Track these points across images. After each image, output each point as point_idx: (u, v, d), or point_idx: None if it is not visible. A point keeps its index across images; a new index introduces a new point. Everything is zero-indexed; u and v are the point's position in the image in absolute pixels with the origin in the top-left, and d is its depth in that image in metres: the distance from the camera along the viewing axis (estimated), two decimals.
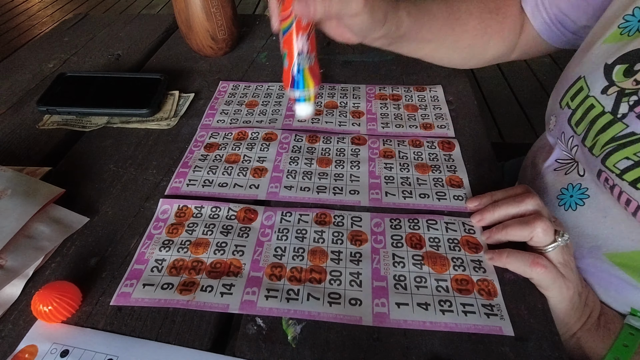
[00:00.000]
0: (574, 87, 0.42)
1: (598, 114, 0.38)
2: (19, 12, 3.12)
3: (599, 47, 0.41)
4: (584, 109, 0.40)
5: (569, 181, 0.44)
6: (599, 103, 0.39)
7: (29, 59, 0.73)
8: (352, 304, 0.35)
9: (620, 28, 0.39)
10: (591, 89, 0.40)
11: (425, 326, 0.34)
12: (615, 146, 0.36)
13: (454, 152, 0.50)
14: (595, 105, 0.39)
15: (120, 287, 0.37)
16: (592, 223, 0.42)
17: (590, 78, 0.40)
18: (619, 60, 0.38)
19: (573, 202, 0.43)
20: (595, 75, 0.39)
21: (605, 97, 0.38)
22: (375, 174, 0.48)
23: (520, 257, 0.37)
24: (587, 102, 0.40)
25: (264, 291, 0.36)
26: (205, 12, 0.63)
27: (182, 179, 0.48)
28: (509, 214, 0.39)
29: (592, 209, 0.42)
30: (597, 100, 0.39)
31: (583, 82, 0.41)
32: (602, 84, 0.38)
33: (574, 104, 0.41)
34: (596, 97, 0.39)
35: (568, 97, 0.43)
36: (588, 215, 0.42)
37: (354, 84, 0.63)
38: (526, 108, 1.87)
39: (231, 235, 0.41)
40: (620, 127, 0.36)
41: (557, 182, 0.46)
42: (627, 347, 0.39)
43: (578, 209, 0.43)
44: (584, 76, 0.41)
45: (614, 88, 0.37)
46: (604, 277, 0.42)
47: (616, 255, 0.40)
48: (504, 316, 0.34)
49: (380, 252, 0.39)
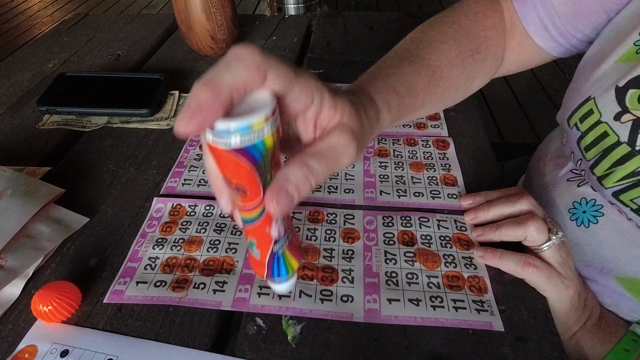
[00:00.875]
0: (583, 108, 0.38)
1: (613, 144, 0.35)
2: (19, 12, 3.12)
3: (610, 65, 0.36)
4: (596, 134, 0.36)
5: (582, 195, 0.41)
6: (613, 132, 0.35)
7: (29, 59, 0.73)
8: (344, 301, 0.36)
9: (636, 46, 0.35)
10: (603, 113, 0.36)
11: (416, 322, 0.34)
12: (635, 182, 0.33)
13: (449, 151, 0.51)
14: (609, 134, 0.35)
15: (114, 285, 0.37)
16: (605, 243, 0.40)
17: (600, 101, 0.36)
18: (632, 84, 0.34)
19: (586, 219, 0.41)
20: (606, 99, 0.35)
21: (620, 124, 0.34)
22: (370, 173, 0.48)
23: (513, 258, 0.37)
24: (599, 129, 0.36)
25: (257, 288, 0.37)
26: (205, 12, 0.63)
27: (178, 178, 0.48)
28: (503, 213, 0.39)
29: (606, 230, 0.39)
30: (610, 127, 0.35)
31: (593, 104, 0.37)
32: (615, 110, 0.35)
33: (584, 127, 0.38)
34: (609, 124, 0.35)
35: (576, 117, 0.39)
36: (601, 235, 0.40)
37: (350, 84, 0.63)
38: (526, 108, 1.86)
39: (224, 233, 0.41)
40: (639, 161, 0.33)
41: (568, 193, 0.43)
42: (628, 351, 0.38)
43: (591, 226, 0.40)
44: (594, 97, 0.37)
45: (629, 116, 0.34)
46: (614, 298, 0.41)
47: (629, 281, 0.39)
48: (494, 312, 0.35)
49: (373, 249, 0.40)
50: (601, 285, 0.42)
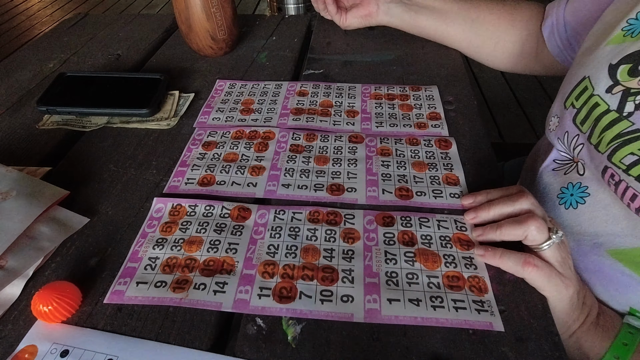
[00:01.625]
0: (579, 87, 0.43)
1: (603, 112, 0.39)
2: (18, 12, 3.12)
3: (602, 49, 0.41)
4: (589, 107, 0.41)
5: (568, 180, 0.45)
6: (603, 101, 0.39)
7: (29, 59, 0.73)
8: (344, 301, 0.36)
9: (623, 30, 0.40)
10: (595, 88, 0.40)
11: (416, 322, 0.34)
12: (621, 142, 0.37)
13: (451, 150, 0.51)
14: (599, 104, 0.39)
15: (114, 285, 0.37)
16: (593, 221, 0.42)
17: (594, 78, 0.41)
18: (623, 60, 0.39)
19: (574, 201, 0.44)
20: (600, 75, 0.40)
21: (610, 95, 0.39)
22: (373, 172, 0.48)
23: (513, 257, 0.37)
24: (591, 101, 0.40)
25: (257, 290, 0.37)
26: (205, 12, 0.63)
27: (181, 177, 0.48)
28: (503, 213, 0.39)
29: (594, 207, 0.42)
30: (601, 98, 0.39)
31: (587, 82, 0.41)
32: (607, 83, 0.39)
33: (579, 103, 0.42)
34: (600, 95, 0.40)
35: (573, 97, 0.43)
36: (589, 214, 0.42)
37: (350, 83, 0.63)
38: (526, 108, 1.87)
39: (224, 233, 0.41)
40: (626, 124, 0.37)
41: (556, 182, 0.47)
42: (627, 345, 0.39)
43: (579, 207, 0.43)
44: (589, 76, 0.41)
45: (619, 87, 0.38)
46: (606, 273, 0.42)
47: (619, 252, 0.41)
48: (494, 312, 0.35)
49: (373, 250, 0.40)
50: (593, 261, 0.43)
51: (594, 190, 0.42)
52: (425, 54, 0.70)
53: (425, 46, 0.72)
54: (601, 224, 0.41)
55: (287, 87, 0.63)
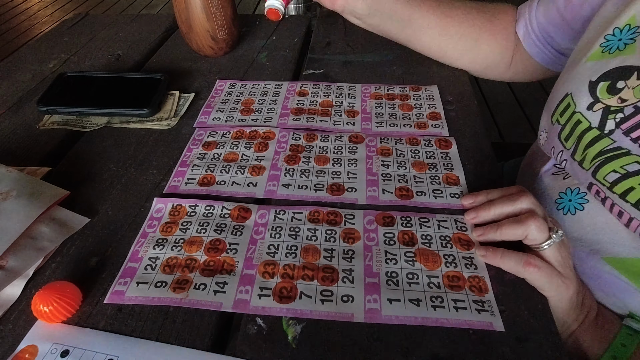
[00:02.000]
0: (562, 104, 0.43)
1: (585, 129, 0.40)
2: (18, 12, 3.12)
3: (582, 65, 0.42)
4: (572, 124, 0.41)
5: (567, 185, 0.45)
6: (585, 119, 0.40)
7: (29, 59, 0.73)
8: (344, 301, 0.36)
9: (601, 47, 0.41)
10: (577, 105, 0.41)
11: (416, 322, 0.34)
12: (604, 159, 0.38)
13: (451, 150, 0.51)
14: (582, 121, 0.40)
15: (114, 285, 0.37)
16: (591, 228, 0.42)
17: (576, 95, 0.41)
18: (602, 78, 0.39)
19: (572, 207, 0.44)
20: (581, 92, 0.41)
21: (592, 113, 0.39)
22: (373, 171, 0.48)
23: (514, 257, 0.37)
24: (574, 118, 0.41)
25: (257, 290, 0.37)
26: (206, 12, 0.63)
27: (181, 177, 0.48)
28: (503, 212, 0.39)
29: (592, 214, 0.42)
30: (583, 116, 0.40)
31: (570, 99, 0.42)
32: (588, 100, 0.40)
33: (563, 120, 0.43)
34: (582, 113, 0.40)
35: (557, 113, 0.44)
36: (587, 220, 0.42)
37: (350, 83, 0.63)
38: (526, 108, 1.87)
39: (224, 233, 0.41)
40: (607, 142, 0.38)
41: (555, 186, 0.46)
42: (625, 347, 0.39)
43: (577, 213, 0.43)
44: (571, 93, 0.42)
45: (599, 104, 0.39)
46: (604, 279, 0.42)
47: (615, 260, 0.41)
48: (494, 312, 0.35)
49: (373, 250, 0.40)
50: (591, 267, 0.43)
51: (593, 198, 0.42)
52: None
53: None
54: (599, 231, 0.41)
55: (288, 87, 0.63)
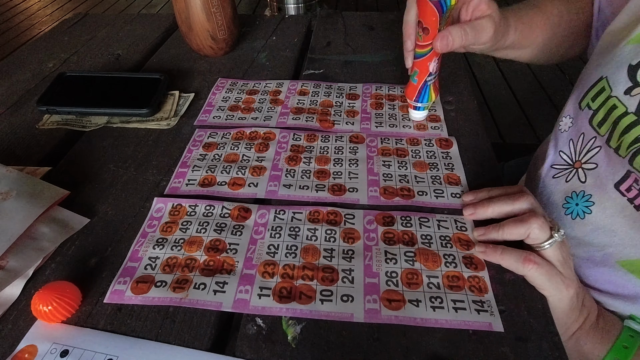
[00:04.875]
0: (595, 88, 0.41)
1: (621, 114, 0.38)
2: (18, 12, 3.12)
3: (622, 48, 0.40)
4: (607, 109, 0.39)
5: (572, 189, 0.44)
6: (621, 103, 0.38)
7: (29, 59, 0.73)
8: (344, 301, 0.36)
9: None
10: (613, 89, 0.39)
11: (416, 322, 0.34)
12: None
13: (452, 150, 0.51)
14: (617, 106, 0.38)
15: (114, 285, 0.37)
16: (602, 231, 0.41)
17: (612, 79, 0.39)
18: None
19: (580, 211, 0.43)
20: (619, 76, 0.39)
21: (629, 97, 0.37)
22: (374, 171, 0.48)
23: (514, 255, 0.37)
24: (609, 103, 0.39)
25: (257, 289, 0.37)
26: (206, 12, 0.63)
27: (182, 179, 0.48)
28: (502, 211, 0.39)
29: (600, 216, 0.41)
30: (619, 100, 0.38)
31: (605, 83, 0.40)
32: (626, 85, 0.38)
33: (595, 105, 0.41)
34: (619, 97, 0.38)
35: (589, 98, 0.42)
36: (597, 223, 0.41)
37: (351, 83, 0.63)
38: (526, 108, 1.86)
39: (224, 233, 0.41)
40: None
41: (560, 190, 0.46)
42: (627, 348, 0.39)
43: (586, 217, 0.42)
44: (606, 77, 0.40)
45: (639, 89, 0.37)
46: (617, 284, 0.42)
47: (629, 263, 0.40)
48: (494, 312, 0.35)
49: (373, 249, 0.40)
50: (603, 272, 0.42)
51: (598, 199, 0.41)
52: None
53: None
54: (609, 233, 0.40)
55: (289, 85, 0.63)
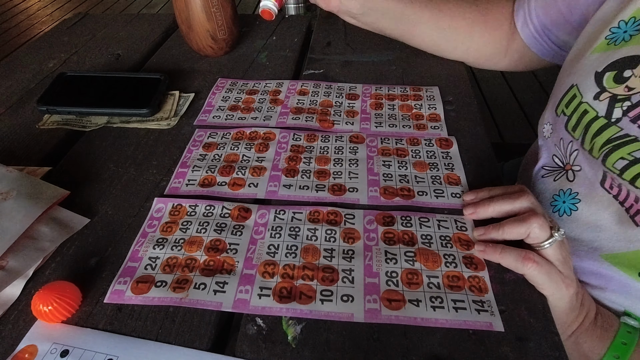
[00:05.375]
0: (568, 95, 0.44)
1: (592, 119, 0.40)
2: (18, 12, 3.12)
3: (588, 57, 0.43)
4: (579, 114, 0.42)
5: (559, 187, 0.46)
6: (592, 108, 0.40)
7: (29, 59, 0.73)
8: (344, 301, 0.36)
9: (607, 39, 0.41)
10: (584, 95, 0.41)
11: (416, 322, 0.34)
12: (612, 147, 0.38)
13: (452, 150, 0.51)
14: (588, 111, 0.41)
15: (114, 285, 0.37)
16: (587, 227, 0.43)
17: (582, 86, 0.42)
18: (608, 68, 0.40)
19: (567, 208, 0.44)
20: (587, 83, 0.41)
21: (598, 102, 0.40)
22: (374, 171, 0.48)
23: (514, 253, 0.37)
24: (580, 108, 0.42)
25: (257, 289, 0.37)
26: (206, 12, 0.63)
27: (182, 179, 0.48)
28: (502, 210, 0.40)
29: (586, 213, 0.43)
30: (590, 105, 0.41)
31: (576, 90, 0.43)
32: (594, 91, 0.40)
33: (569, 111, 0.43)
34: (589, 102, 0.41)
35: (563, 104, 0.44)
36: (583, 220, 0.43)
37: (350, 84, 0.63)
38: (526, 108, 1.87)
39: (224, 233, 0.41)
40: (615, 129, 0.38)
41: (548, 189, 0.47)
42: (626, 345, 0.39)
43: (573, 214, 0.44)
44: (577, 84, 0.43)
45: (606, 94, 0.39)
46: (603, 275, 0.43)
47: (612, 256, 0.41)
48: (494, 312, 0.35)
49: (373, 249, 0.40)
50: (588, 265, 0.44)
51: (584, 196, 0.43)
52: (425, 54, 0.70)
53: None
54: (595, 229, 0.42)
55: (288, 85, 0.63)
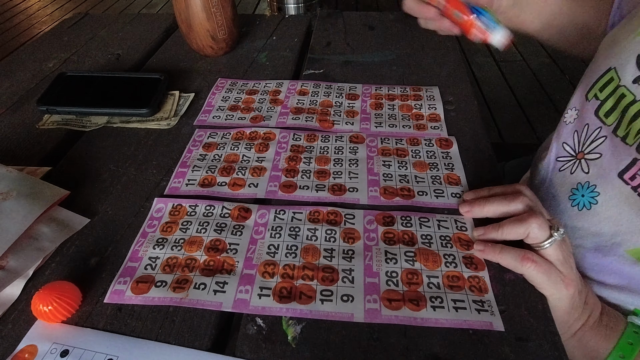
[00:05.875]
0: (604, 78, 0.42)
1: (629, 103, 0.38)
2: (18, 12, 3.12)
3: (631, 40, 0.40)
4: (615, 98, 0.40)
5: (577, 180, 0.44)
6: (630, 92, 0.39)
7: (29, 59, 0.73)
8: (344, 301, 0.36)
9: None
10: (622, 78, 0.40)
11: (416, 322, 0.34)
12: None
13: (452, 150, 0.51)
14: (626, 95, 0.39)
15: (114, 285, 0.37)
16: (609, 220, 0.41)
17: (621, 69, 0.40)
18: None
19: (587, 202, 0.43)
20: (627, 66, 0.39)
21: (637, 86, 0.38)
22: (374, 171, 0.48)
23: (512, 253, 0.37)
24: (618, 92, 0.40)
25: (257, 289, 0.37)
26: (206, 12, 0.63)
27: (182, 178, 0.48)
28: (497, 211, 0.39)
29: (607, 206, 0.41)
30: (628, 89, 0.39)
31: (614, 73, 0.41)
32: (634, 74, 0.38)
33: (603, 95, 0.41)
34: (627, 86, 0.39)
35: (596, 88, 0.43)
36: (604, 213, 0.42)
37: (350, 84, 0.63)
38: (526, 108, 1.86)
39: (224, 233, 0.41)
40: None
41: (565, 183, 0.46)
42: (632, 345, 0.39)
43: (593, 207, 0.42)
44: (615, 67, 0.41)
45: None
46: (625, 273, 0.42)
47: (638, 251, 0.40)
48: (494, 312, 0.35)
49: (373, 249, 0.40)
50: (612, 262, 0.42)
51: (603, 189, 0.41)
52: (426, 54, 0.70)
53: (425, 46, 0.72)
54: (616, 222, 0.41)
55: (288, 85, 0.63)
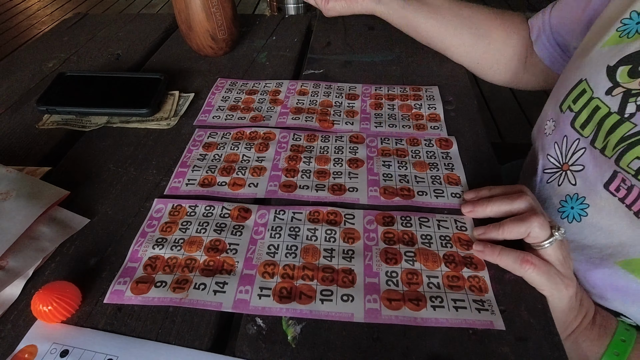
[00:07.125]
0: (576, 90, 0.42)
1: (605, 115, 0.38)
2: (18, 12, 3.12)
3: (598, 51, 0.41)
4: (589, 110, 0.40)
5: (565, 192, 0.44)
6: (604, 104, 0.39)
7: (29, 59, 0.73)
8: (344, 301, 0.36)
9: (618, 31, 0.40)
10: (595, 90, 0.40)
11: (416, 322, 0.34)
12: (626, 146, 0.36)
13: (452, 150, 0.51)
14: (600, 107, 0.39)
15: (114, 285, 0.37)
16: (599, 232, 0.41)
17: (592, 80, 0.40)
18: (622, 62, 0.38)
19: (576, 214, 0.43)
20: (598, 77, 0.40)
21: (610, 98, 0.38)
22: (374, 171, 0.48)
23: (512, 255, 0.37)
24: (592, 104, 0.40)
25: (257, 290, 0.37)
26: (205, 12, 0.63)
27: (181, 178, 0.48)
28: (500, 210, 0.39)
29: (597, 218, 0.41)
30: (601, 101, 0.39)
31: (585, 85, 0.41)
32: (606, 85, 0.39)
33: (577, 107, 0.41)
34: (601, 98, 0.39)
35: (569, 100, 0.43)
36: (594, 225, 0.41)
37: (350, 83, 0.63)
38: (526, 108, 1.87)
39: (224, 233, 0.41)
40: (628, 126, 0.37)
41: (554, 195, 0.46)
42: (625, 341, 0.39)
43: (583, 220, 0.42)
44: (586, 79, 0.41)
45: (619, 89, 0.38)
46: (619, 286, 0.42)
47: (628, 263, 0.40)
48: (494, 311, 0.35)
49: (373, 249, 0.40)
50: (604, 274, 0.42)
51: (592, 201, 0.41)
52: (425, 54, 0.70)
53: (425, 46, 0.71)
54: (607, 235, 0.40)
55: (288, 85, 0.63)
